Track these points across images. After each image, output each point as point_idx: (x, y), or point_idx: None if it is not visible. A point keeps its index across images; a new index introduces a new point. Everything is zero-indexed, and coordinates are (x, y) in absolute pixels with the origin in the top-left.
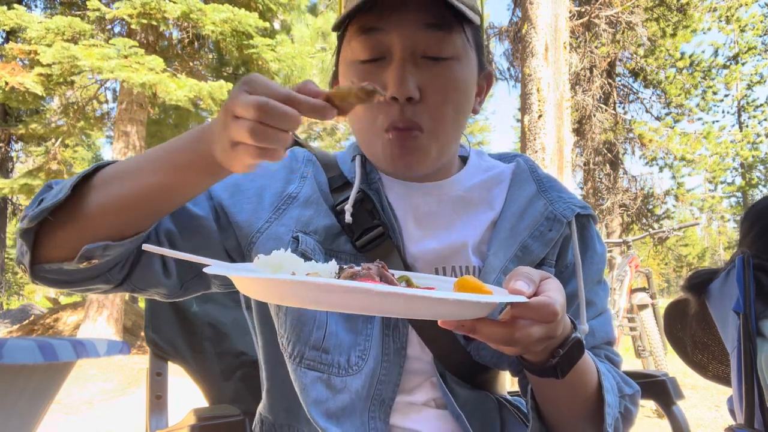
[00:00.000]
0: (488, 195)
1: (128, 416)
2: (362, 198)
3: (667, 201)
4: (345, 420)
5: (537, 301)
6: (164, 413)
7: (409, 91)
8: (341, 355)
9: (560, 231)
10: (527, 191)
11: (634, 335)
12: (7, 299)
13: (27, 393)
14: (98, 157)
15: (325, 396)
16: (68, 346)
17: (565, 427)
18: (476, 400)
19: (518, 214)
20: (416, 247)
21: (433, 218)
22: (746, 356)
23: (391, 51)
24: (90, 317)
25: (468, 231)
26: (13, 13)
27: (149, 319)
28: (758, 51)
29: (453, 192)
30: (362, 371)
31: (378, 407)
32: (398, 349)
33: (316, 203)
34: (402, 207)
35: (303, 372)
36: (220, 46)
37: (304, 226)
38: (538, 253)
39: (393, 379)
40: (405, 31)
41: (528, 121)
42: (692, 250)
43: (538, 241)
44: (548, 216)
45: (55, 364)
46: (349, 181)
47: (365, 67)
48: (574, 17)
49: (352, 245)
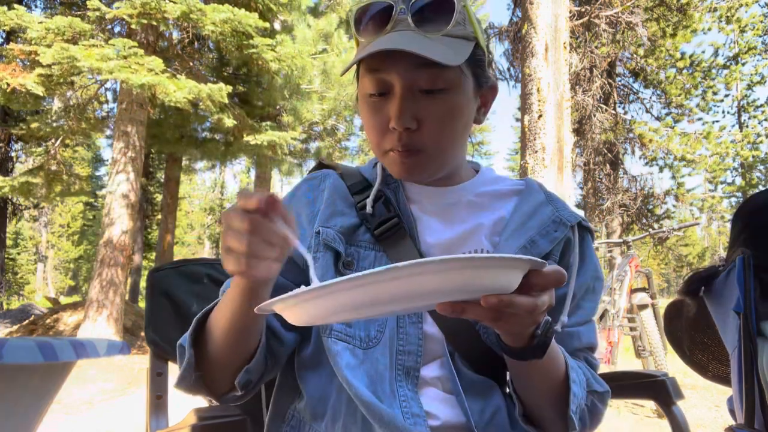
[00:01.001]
0: (498, 202)
1: (128, 416)
2: (381, 195)
3: (667, 201)
4: (376, 385)
5: (550, 268)
6: (164, 413)
7: (407, 123)
8: (362, 330)
9: (565, 233)
10: (536, 199)
11: (634, 335)
12: (7, 299)
13: (27, 393)
14: (98, 157)
15: (354, 362)
16: (68, 346)
17: (539, 411)
18: (481, 384)
19: (527, 214)
20: (431, 237)
21: (447, 213)
22: (746, 356)
23: (393, 87)
24: (90, 317)
25: (481, 222)
26: (13, 14)
27: (149, 319)
28: (758, 51)
29: (465, 196)
30: (380, 342)
31: (404, 377)
32: (414, 322)
33: (334, 204)
34: (418, 203)
35: (333, 341)
36: (220, 47)
37: (324, 222)
38: (543, 248)
39: (414, 350)
40: (403, 71)
41: (528, 121)
42: (692, 250)
43: (545, 238)
44: (554, 219)
45: (55, 364)
46: (370, 183)
47: (374, 101)
48: (574, 17)
49: (371, 235)
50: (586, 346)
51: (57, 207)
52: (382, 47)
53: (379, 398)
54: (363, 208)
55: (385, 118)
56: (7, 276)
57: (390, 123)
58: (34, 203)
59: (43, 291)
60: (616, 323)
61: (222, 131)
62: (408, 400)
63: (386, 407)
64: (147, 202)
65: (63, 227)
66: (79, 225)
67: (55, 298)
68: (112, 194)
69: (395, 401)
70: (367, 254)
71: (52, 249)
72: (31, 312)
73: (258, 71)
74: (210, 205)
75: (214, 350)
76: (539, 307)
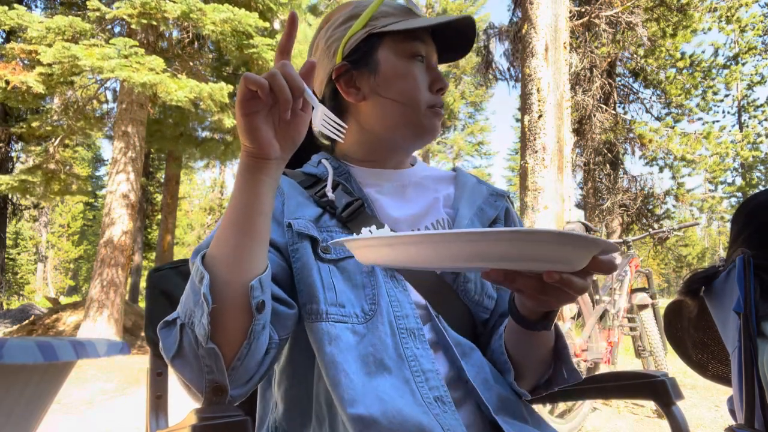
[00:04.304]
0: (440, 185)
1: (128, 416)
2: (336, 184)
3: (667, 201)
4: (382, 354)
5: (606, 256)
6: (164, 413)
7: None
8: (355, 307)
9: (504, 203)
10: (470, 180)
11: (634, 335)
12: (7, 299)
13: (27, 393)
14: (98, 157)
15: (355, 341)
16: (68, 346)
17: (533, 370)
18: (463, 344)
19: (469, 191)
20: (395, 212)
21: (401, 193)
22: (747, 356)
23: (429, 57)
24: (90, 317)
25: (436, 197)
26: (13, 13)
27: (149, 319)
28: (758, 51)
29: (412, 178)
30: (377, 313)
31: (410, 338)
32: (401, 291)
33: (295, 197)
34: (371, 186)
35: (332, 325)
36: (220, 46)
37: (292, 214)
38: (491, 214)
39: (410, 313)
40: (432, 46)
41: (528, 121)
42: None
43: (491, 207)
44: (491, 192)
45: (55, 364)
46: (318, 177)
47: (419, 63)
48: (574, 17)
49: (337, 219)
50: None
51: (57, 207)
52: (452, 19)
53: (387, 367)
54: (322, 197)
55: (427, 79)
56: (7, 276)
57: (436, 85)
58: (33, 203)
59: (43, 291)
60: (616, 323)
61: (222, 131)
62: (417, 359)
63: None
64: (147, 202)
65: (63, 227)
66: (79, 225)
67: (55, 298)
68: (112, 194)
69: (403, 363)
70: (339, 237)
71: (52, 249)
72: (31, 312)
73: (258, 71)
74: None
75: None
76: (586, 289)
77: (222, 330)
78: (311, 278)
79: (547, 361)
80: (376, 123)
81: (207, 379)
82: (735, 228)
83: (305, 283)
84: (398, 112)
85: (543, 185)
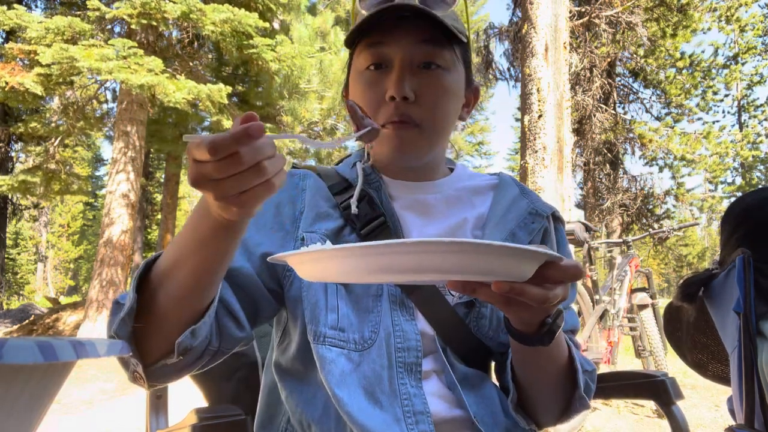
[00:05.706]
0: (475, 197)
1: (128, 416)
2: (365, 195)
3: (667, 201)
4: (374, 387)
5: (567, 262)
6: (164, 413)
7: (405, 92)
8: (355, 333)
9: (541, 224)
10: (511, 193)
11: (634, 335)
12: (7, 299)
13: (27, 393)
14: (98, 157)
15: (350, 368)
16: (68, 346)
17: (541, 394)
18: (473, 376)
19: (505, 208)
20: (417, 233)
21: (430, 209)
22: (746, 356)
23: (392, 61)
24: (90, 317)
25: (465, 216)
26: (13, 13)
27: None
28: (758, 51)
29: (445, 190)
30: (375, 343)
31: (406, 374)
32: (409, 320)
33: (317, 206)
34: (401, 200)
35: (327, 348)
36: (219, 47)
37: (308, 227)
38: (522, 239)
39: (413, 346)
40: (403, 45)
41: (528, 121)
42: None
43: (523, 230)
44: (530, 211)
45: (55, 364)
46: (351, 183)
47: (371, 74)
48: (574, 17)
49: (357, 235)
50: (569, 329)
51: (57, 207)
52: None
53: (378, 401)
54: (346, 208)
55: (381, 91)
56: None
57: (387, 93)
58: (33, 203)
59: (43, 291)
60: (616, 323)
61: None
62: (410, 398)
63: (380, 423)
64: (147, 201)
65: (63, 227)
66: (79, 225)
67: (55, 298)
68: (112, 194)
69: (396, 400)
70: None
71: (52, 249)
72: (31, 312)
73: (258, 71)
74: None
75: (162, 297)
76: (551, 299)
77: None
78: (315, 298)
79: (561, 385)
80: None
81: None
82: (726, 230)
83: (310, 302)
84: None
85: (543, 185)
